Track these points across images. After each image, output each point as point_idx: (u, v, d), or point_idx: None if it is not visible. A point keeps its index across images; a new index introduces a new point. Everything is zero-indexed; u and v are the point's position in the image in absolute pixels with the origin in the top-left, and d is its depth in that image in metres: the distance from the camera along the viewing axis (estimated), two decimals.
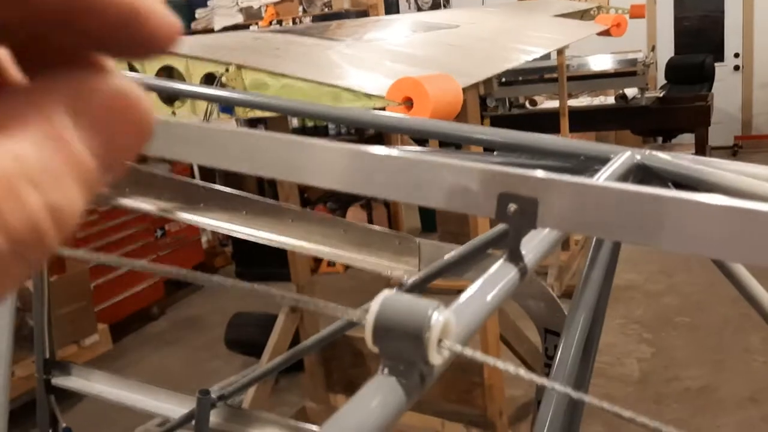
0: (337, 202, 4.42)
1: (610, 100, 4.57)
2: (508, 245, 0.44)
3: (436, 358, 0.31)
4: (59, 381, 1.29)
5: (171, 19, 0.19)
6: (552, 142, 0.70)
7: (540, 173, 0.43)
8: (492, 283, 0.41)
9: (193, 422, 1.14)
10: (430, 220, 4.19)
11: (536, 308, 0.82)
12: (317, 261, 4.13)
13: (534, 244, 0.48)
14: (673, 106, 4.56)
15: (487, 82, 3.33)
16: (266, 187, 4.17)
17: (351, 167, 0.46)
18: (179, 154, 0.52)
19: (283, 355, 1.08)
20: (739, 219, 0.37)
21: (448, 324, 0.31)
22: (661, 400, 2.51)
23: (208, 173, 4.13)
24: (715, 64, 5.47)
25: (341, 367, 2.35)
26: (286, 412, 2.43)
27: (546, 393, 0.69)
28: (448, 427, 2.26)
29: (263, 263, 3.76)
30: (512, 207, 0.42)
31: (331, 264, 4.18)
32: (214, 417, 1.18)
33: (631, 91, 4.44)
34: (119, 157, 0.19)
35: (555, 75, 3.88)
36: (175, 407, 1.26)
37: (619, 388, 2.56)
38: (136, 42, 0.19)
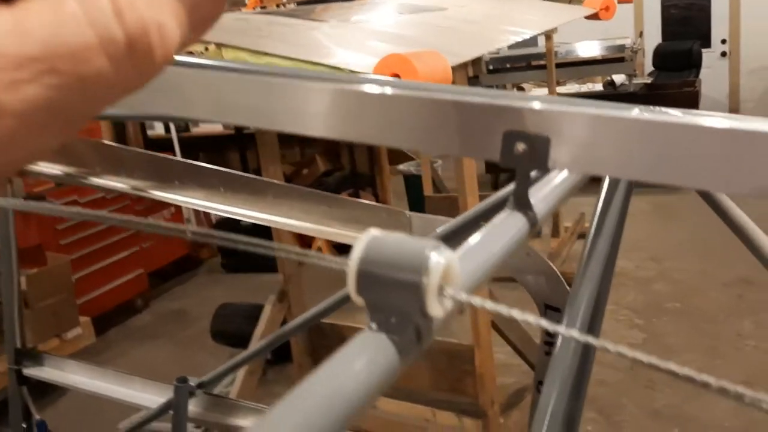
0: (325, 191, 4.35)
1: (598, 87, 4.53)
2: (515, 192, 0.39)
3: (437, 309, 0.25)
4: (31, 372, 1.23)
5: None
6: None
7: (552, 105, 0.37)
8: (498, 232, 0.35)
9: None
10: (419, 208, 4.13)
11: (536, 283, 0.77)
12: (306, 247, 4.05)
13: (543, 194, 0.43)
14: (661, 92, 4.54)
15: (476, 65, 3.29)
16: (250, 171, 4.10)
17: (335, 109, 0.41)
18: (139, 106, 0.47)
19: (267, 338, 1.02)
20: None
21: (450, 267, 0.25)
22: (653, 385, 2.48)
23: (190, 153, 4.06)
24: (703, 51, 5.45)
25: (329, 355, 2.30)
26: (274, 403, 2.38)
27: (549, 373, 0.64)
28: (440, 416, 2.21)
29: (249, 254, 3.68)
30: (520, 146, 0.37)
31: None
32: (193, 406, 1.12)
33: (619, 78, 4.41)
34: (198, 25, 0.20)
35: (543, 62, 3.83)
36: (154, 397, 1.21)
37: (611, 374, 2.52)
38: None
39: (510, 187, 0.75)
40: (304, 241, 3.43)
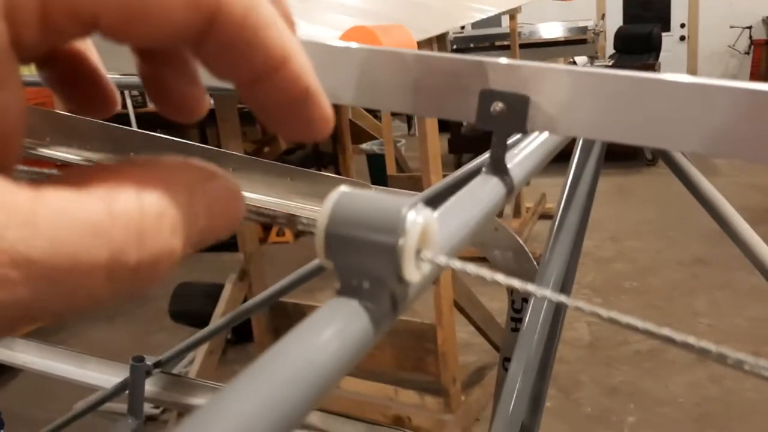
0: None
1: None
2: (491, 155, 0.37)
3: (414, 273, 0.22)
4: None
5: (328, 107, 0.21)
6: None
7: (531, 63, 0.35)
8: (474, 197, 0.33)
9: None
10: (381, 183, 4.10)
11: (503, 258, 0.76)
12: (266, 230, 4.02)
13: (519, 159, 0.41)
14: None
15: (441, 43, 3.26)
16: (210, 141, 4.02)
17: None
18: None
19: (226, 316, 0.99)
20: None
21: (428, 228, 0.23)
22: (611, 363, 2.52)
23: (147, 129, 3.95)
24: (662, 34, 5.52)
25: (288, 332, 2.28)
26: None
27: (517, 349, 0.63)
28: (402, 395, 2.21)
29: None
30: (497, 106, 0.35)
31: (280, 234, 4.08)
32: (150, 386, 1.09)
33: (581, 60, 4.43)
34: (204, 241, 0.19)
35: (506, 42, 3.83)
36: (110, 377, 1.17)
37: (570, 351, 2.56)
38: (299, 118, 0.21)
39: (485, 155, 0.73)
40: (266, 227, 3.38)
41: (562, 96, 0.35)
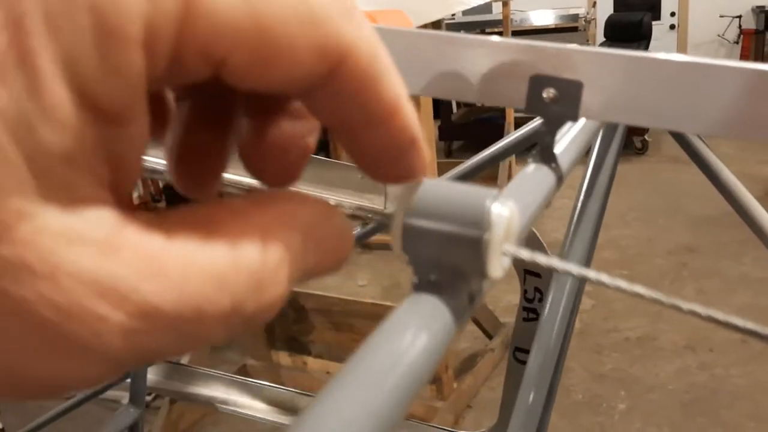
0: None
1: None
2: (541, 143, 0.35)
3: (498, 269, 0.21)
4: None
5: (427, 155, 0.20)
6: None
7: (584, 48, 0.34)
8: (527, 187, 0.32)
9: (129, 381, 1.04)
10: None
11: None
12: None
13: (564, 145, 0.40)
14: None
15: (436, 30, 3.24)
16: None
17: None
18: None
19: None
20: None
21: (513, 221, 0.22)
22: (601, 350, 2.53)
23: None
24: (653, 23, 5.52)
25: (283, 323, 2.26)
26: (227, 369, 2.34)
27: (537, 339, 0.62)
28: None
29: None
30: (550, 92, 0.34)
31: None
32: (150, 374, 1.08)
33: None
34: (308, 278, 0.19)
35: (497, 29, 3.81)
36: None
37: None
38: (402, 165, 0.20)
39: (514, 135, 0.71)
40: None
41: (616, 82, 0.34)
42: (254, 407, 1.12)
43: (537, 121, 0.43)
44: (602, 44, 5.24)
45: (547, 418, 0.73)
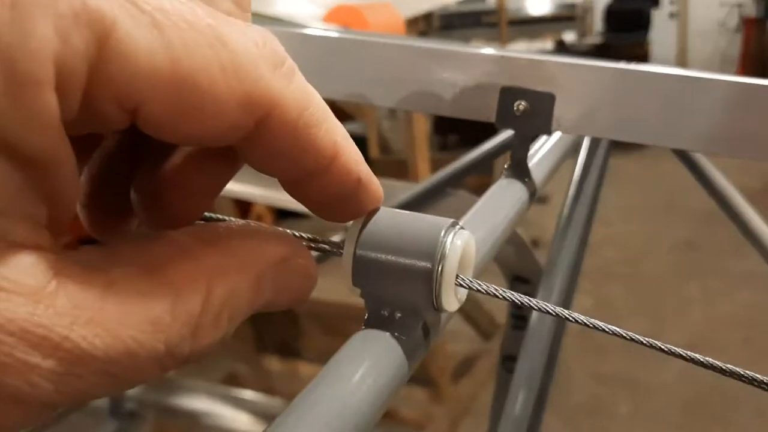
0: None
1: (548, 46, 4.49)
2: (513, 157, 0.32)
3: (452, 302, 0.20)
4: None
5: (379, 189, 0.20)
6: None
7: (557, 58, 0.31)
8: (498, 204, 0.28)
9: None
10: None
11: (504, 254, 0.71)
12: (244, 215, 3.95)
13: (538, 159, 0.36)
14: (611, 53, 4.53)
15: (426, 20, 3.19)
16: None
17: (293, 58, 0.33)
18: None
19: None
20: None
21: (468, 251, 0.21)
22: (602, 351, 2.49)
23: None
24: (652, 11, 5.45)
25: (272, 328, 2.22)
26: (216, 376, 2.30)
27: (524, 348, 0.59)
28: None
29: None
30: (521, 105, 0.30)
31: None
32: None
33: (569, 38, 4.38)
34: (264, 310, 0.19)
35: (493, 19, 3.77)
36: None
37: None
38: (350, 205, 0.20)
39: (486, 147, 0.68)
40: (242, 206, 3.30)
41: (591, 94, 0.30)
42: (240, 419, 1.09)
43: None
44: (601, 34, 5.18)
45: (537, 428, 0.70)
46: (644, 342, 0.22)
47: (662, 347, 0.22)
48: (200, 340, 0.16)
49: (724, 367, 0.22)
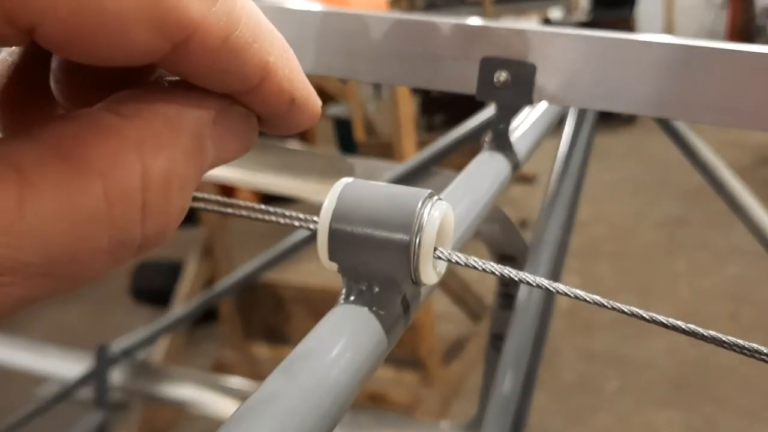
0: None
1: (534, 24, 4.47)
2: (494, 130, 0.31)
3: (431, 275, 0.20)
4: None
5: (315, 108, 0.20)
6: None
7: (538, 27, 0.31)
8: (479, 177, 0.28)
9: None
10: (350, 151, 3.98)
11: (490, 232, 0.71)
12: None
13: (521, 131, 0.35)
14: (597, 29, 4.50)
15: (411, 0, 3.18)
16: None
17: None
18: None
19: (194, 301, 0.93)
20: None
21: (447, 223, 0.20)
22: (590, 329, 2.51)
23: None
24: None
25: (260, 314, 2.22)
26: (204, 363, 2.29)
27: (512, 327, 0.59)
28: (377, 370, 2.18)
29: None
30: (501, 75, 0.30)
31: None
32: (118, 375, 1.03)
33: (555, 15, 4.36)
34: (212, 168, 0.18)
35: None
36: (73, 366, 1.10)
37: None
38: (284, 123, 0.20)
39: (471, 124, 0.68)
40: (226, 190, 3.27)
41: (573, 64, 0.30)
42: (228, 407, 1.08)
43: None
44: (589, 11, 5.15)
45: (526, 406, 0.71)
46: (625, 311, 0.23)
47: (644, 315, 0.22)
48: (153, 219, 0.15)
49: (705, 334, 0.22)
